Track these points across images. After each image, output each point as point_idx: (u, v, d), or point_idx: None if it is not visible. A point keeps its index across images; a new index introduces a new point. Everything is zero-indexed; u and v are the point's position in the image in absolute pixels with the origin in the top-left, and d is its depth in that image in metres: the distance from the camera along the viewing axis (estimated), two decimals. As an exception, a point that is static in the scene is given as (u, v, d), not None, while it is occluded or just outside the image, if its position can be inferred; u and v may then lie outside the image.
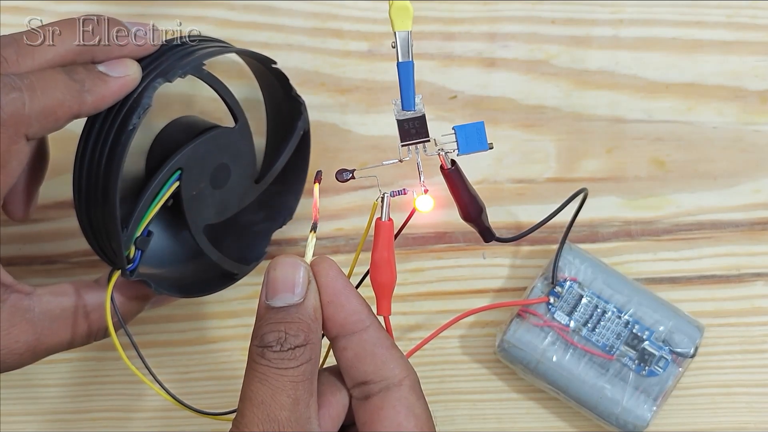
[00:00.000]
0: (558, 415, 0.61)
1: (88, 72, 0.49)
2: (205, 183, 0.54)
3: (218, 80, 0.53)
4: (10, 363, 0.49)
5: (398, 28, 0.47)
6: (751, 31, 0.62)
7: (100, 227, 0.51)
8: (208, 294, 0.57)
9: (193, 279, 0.57)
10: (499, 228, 0.54)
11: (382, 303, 0.48)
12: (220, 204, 0.55)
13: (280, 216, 0.60)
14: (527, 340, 0.58)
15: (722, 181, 0.62)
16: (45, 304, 0.50)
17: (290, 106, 0.57)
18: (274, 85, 0.57)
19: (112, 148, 0.49)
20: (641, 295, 0.59)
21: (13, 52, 0.48)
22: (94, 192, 0.50)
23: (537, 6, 0.61)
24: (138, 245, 0.51)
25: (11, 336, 0.49)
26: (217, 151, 0.54)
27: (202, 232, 0.55)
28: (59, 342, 0.51)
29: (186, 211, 0.54)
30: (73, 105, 0.48)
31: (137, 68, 0.50)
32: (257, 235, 0.59)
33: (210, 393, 0.62)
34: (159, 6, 0.60)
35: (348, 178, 0.49)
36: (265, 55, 0.55)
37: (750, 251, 0.62)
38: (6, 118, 0.46)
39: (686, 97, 0.62)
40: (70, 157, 0.51)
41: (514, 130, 0.62)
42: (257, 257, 0.58)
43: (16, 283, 0.50)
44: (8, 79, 0.46)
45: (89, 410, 0.62)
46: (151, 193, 0.51)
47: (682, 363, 0.58)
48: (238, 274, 0.57)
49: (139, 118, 0.49)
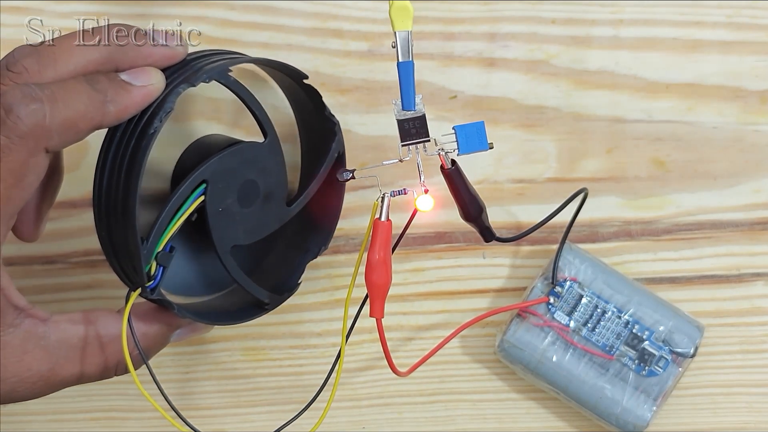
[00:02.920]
0: (558, 415, 0.61)
1: (110, 81, 0.47)
2: (233, 199, 0.51)
3: (245, 88, 0.51)
4: (21, 393, 0.47)
5: (398, 28, 0.47)
6: (751, 31, 0.62)
7: (120, 243, 0.48)
8: (235, 323, 0.54)
9: (219, 307, 0.54)
10: (499, 228, 0.54)
11: (375, 305, 0.48)
12: (249, 224, 0.52)
13: (315, 245, 0.57)
14: (527, 340, 0.58)
15: (722, 181, 0.62)
16: (62, 332, 0.48)
17: (323, 126, 0.55)
18: (304, 100, 0.55)
19: (132, 155, 0.47)
20: (641, 295, 0.59)
21: (34, 61, 0.46)
22: (114, 205, 0.48)
23: (537, 6, 0.61)
24: (159, 260, 0.49)
25: (23, 364, 0.46)
26: (245, 166, 0.51)
27: (229, 254, 0.52)
28: (74, 374, 0.48)
29: (212, 228, 0.51)
30: (95, 116, 0.46)
31: (161, 77, 0.48)
32: (291, 265, 0.57)
33: (210, 393, 0.62)
34: (159, 6, 0.60)
35: (348, 178, 0.49)
36: (295, 68, 0.53)
37: (750, 251, 0.62)
38: (26, 130, 0.44)
39: (686, 97, 0.62)
40: (69, 157, 0.51)
41: (514, 130, 0.62)
42: (290, 288, 0.56)
43: (31, 308, 0.48)
44: (29, 89, 0.45)
45: (89, 410, 0.62)
46: (173, 205, 0.49)
47: (682, 363, 0.58)
48: (269, 304, 0.54)
49: (161, 122, 0.47)
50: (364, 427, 0.62)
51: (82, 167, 0.59)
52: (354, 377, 0.62)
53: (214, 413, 0.62)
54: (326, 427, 0.61)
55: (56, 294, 0.61)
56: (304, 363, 0.62)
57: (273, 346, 0.62)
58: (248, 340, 0.62)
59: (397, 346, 0.61)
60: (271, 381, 0.62)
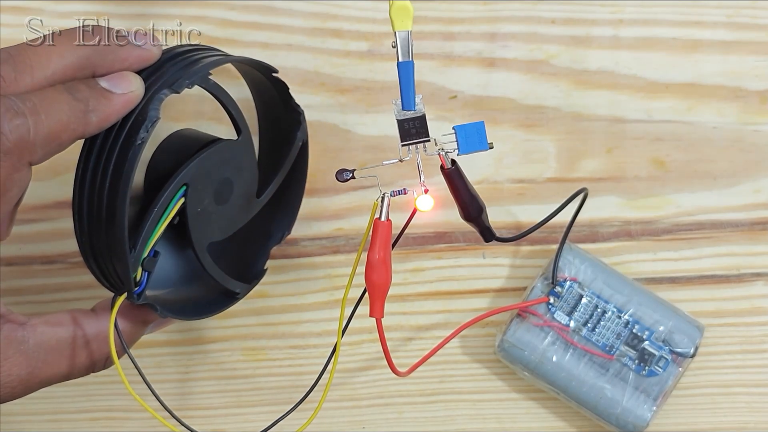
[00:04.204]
0: (558, 415, 0.61)
1: (91, 90, 0.46)
2: (209, 199, 0.52)
3: (224, 91, 0.51)
4: (0, 397, 0.47)
5: (398, 27, 0.47)
6: (751, 31, 0.62)
7: (103, 251, 0.48)
8: (210, 315, 0.54)
9: (194, 300, 0.55)
10: (499, 228, 0.54)
11: (375, 305, 0.48)
12: (223, 221, 0.53)
13: (278, 230, 0.58)
14: (527, 340, 0.58)
15: (722, 181, 0.62)
16: (40, 335, 0.48)
17: (288, 116, 0.56)
18: (271, 93, 0.55)
19: (117, 164, 0.47)
20: (641, 295, 0.59)
21: (10, 69, 0.45)
22: (98, 214, 0.47)
23: (537, 6, 0.61)
24: (145, 267, 0.49)
25: (3, 369, 0.46)
26: (221, 165, 0.52)
27: (206, 251, 0.53)
28: (54, 374, 0.48)
29: (191, 230, 0.51)
30: (77, 127, 0.45)
31: (140, 82, 0.47)
32: (255, 252, 0.57)
33: (210, 393, 0.62)
34: (159, 6, 0.60)
35: (348, 178, 0.49)
36: (266, 63, 0.53)
37: (750, 251, 0.62)
38: (10, 146, 0.43)
39: (686, 97, 0.62)
40: (70, 157, 0.50)
41: (514, 130, 0.62)
42: (257, 275, 0.57)
43: (10, 313, 0.47)
44: (10, 102, 0.44)
45: (89, 410, 0.62)
46: (158, 212, 0.49)
47: (682, 363, 0.58)
48: (239, 293, 0.55)
49: (148, 132, 0.46)
50: (364, 427, 0.62)
51: (81, 167, 0.59)
52: (354, 377, 0.62)
53: (214, 413, 0.62)
54: (326, 427, 0.61)
55: (56, 294, 0.61)
56: (304, 363, 0.62)
57: (273, 346, 0.62)
58: (248, 340, 0.62)
59: (397, 346, 0.61)
60: (270, 381, 0.62)
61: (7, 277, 0.60)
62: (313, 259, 0.61)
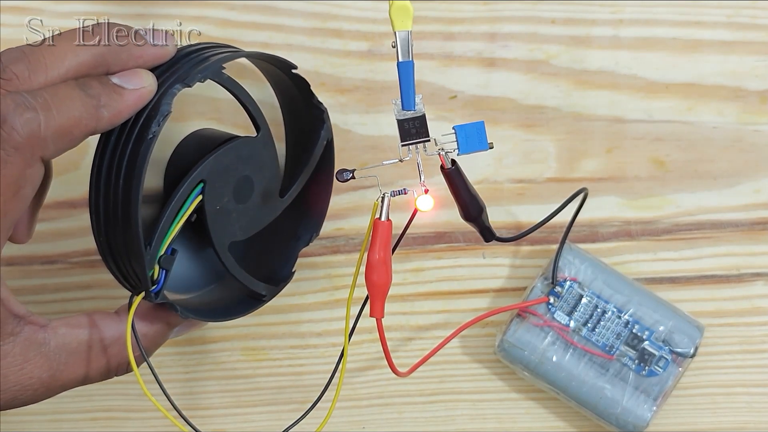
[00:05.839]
0: (558, 415, 0.62)
1: (103, 86, 0.46)
2: (228, 197, 0.51)
3: (239, 85, 0.50)
4: (22, 399, 0.47)
5: (398, 27, 0.47)
6: (751, 31, 0.62)
7: (120, 249, 0.48)
8: (235, 317, 0.54)
9: (218, 302, 0.54)
10: (499, 228, 0.54)
11: (376, 305, 0.48)
12: (245, 220, 0.52)
13: (306, 232, 0.57)
14: (527, 340, 0.58)
15: (722, 181, 0.62)
16: (61, 338, 0.47)
17: (311, 114, 0.55)
18: (292, 91, 0.55)
19: (130, 160, 0.46)
20: (641, 295, 0.59)
21: (24, 67, 0.45)
22: (114, 210, 0.47)
23: (537, 6, 0.61)
24: (162, 264, 0.48)
25: (25, 372, 0.46)
26: (240, 162, 0.51)
27: (227, 251, 0.52)
28: (75, 378, 0.48)
29: (210, 228, 0.50)
30: (89, 122, 0.45)
31: (153, 79, 0.47)
32: (283, 254, 0.56)
33: (210, 393, 0.62)
34: (159, 6, 0.60)
35: (348, 178, 0.49)
36: (284, 59, 0.52)
37: (750, 251, 0.62)
38: (21, 141, 0.43)
39: (686, 97, 0.62)
40: (70, 157, 0.50)
41: (514, 130, 0.62)
42: (285, 277, 0.55)
43: (30, 315, 0.47)
44: (21, 98, 0.44)
45: (89, 410, 0.62)
46: (173, 208, 0.49)
47: (682, 363, 0.58)
48: (266, 295, 0.54)
49: (159, 126, 0.46)
50: (364, 427, 0.62)
51: (82, 167, 0.59)
52: (354, 377, 0.62)
53: (215, 413, 0.62)
54: (326, 427, 0.61)
55: (56, 294, 0.61)
56: (304, 363, 0.62)
57: (273, 346, 0.62)
58: (248, 340, 0.62)
59: (397, 346, 0.61)
60: (271, 381, 0.62)
61: (8, 277, 0.60)
62: (313, 259, 0.61)
